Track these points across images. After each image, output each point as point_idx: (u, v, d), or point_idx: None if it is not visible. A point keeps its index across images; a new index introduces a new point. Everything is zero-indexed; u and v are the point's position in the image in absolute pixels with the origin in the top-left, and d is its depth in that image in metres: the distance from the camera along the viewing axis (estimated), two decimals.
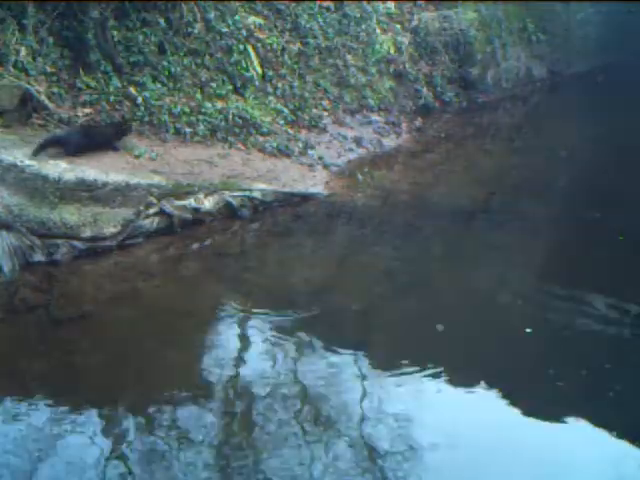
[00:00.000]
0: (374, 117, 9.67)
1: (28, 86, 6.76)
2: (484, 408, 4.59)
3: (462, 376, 4.82)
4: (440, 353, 5.05)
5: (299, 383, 4.69)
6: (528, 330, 5.33)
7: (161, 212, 6.43)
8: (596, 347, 5.23)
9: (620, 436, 4.26)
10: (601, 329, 5.41)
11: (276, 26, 9.26)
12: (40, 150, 6.31)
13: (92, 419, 4.23)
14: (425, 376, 4.81)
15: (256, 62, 8.72)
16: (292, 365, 4.87)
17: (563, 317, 5.58)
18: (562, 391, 4.62)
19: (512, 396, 4.63)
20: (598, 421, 4.38)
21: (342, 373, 4.81)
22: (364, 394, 4.61)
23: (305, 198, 7.37)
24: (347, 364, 4.89)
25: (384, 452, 4.15)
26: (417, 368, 4.88)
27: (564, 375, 4.76)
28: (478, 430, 4.38)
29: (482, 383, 4.75)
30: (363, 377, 4.78)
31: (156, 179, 6.51)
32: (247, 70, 8.57)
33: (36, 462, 3.90)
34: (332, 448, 4.13)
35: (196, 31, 8.24)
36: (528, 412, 4.51)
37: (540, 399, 4.59)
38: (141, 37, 7.73)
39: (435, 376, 4.82)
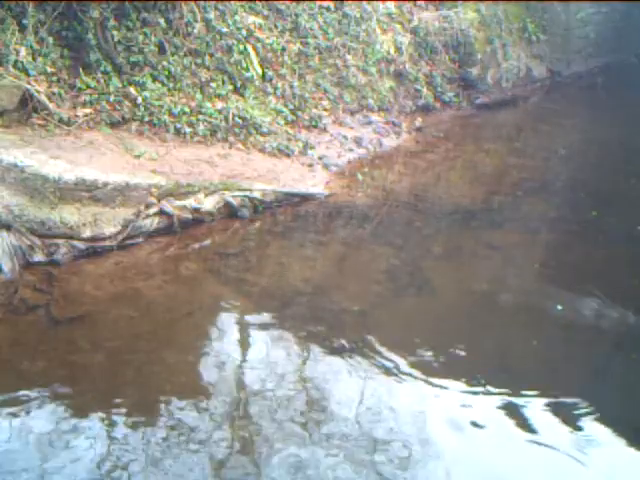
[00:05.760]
0: (374, 117, 9.67)
1: (28, 86, 6.75)
2: (485, 406, 4.59)
3: (460, 374, 4.83)
4: (440, 353, 5.05)
5: (299, 383, 4.69)
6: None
7: (161, 212, 6.43)
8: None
9: None
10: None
11: (276, 26, 9.25)
12: None
13: (92, 419, 4.23)
14: (425, 375, 4.82)
15: (256, 62, 8.71)
16: (292, 365, 4.87)
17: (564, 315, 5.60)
18: None
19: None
20: None
21: (342, 373, 4.81)
22: (365, 394, 4.61)
23: (305, 198, 7.37)
24: (347, 364, 4.89)
25: (384, 452, 4.15)
26: (417, 368, 4.89)
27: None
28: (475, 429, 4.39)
29: (483, 384, 4.76)
30: (364, 377, 4.78)
31: (156, 179, 6.50)
32: (247, 70, 8.56)
33: (36, 462, 3.90)
34: (333, 448, 4.14)
35: (196, 31, 8.23)
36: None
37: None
38: (141, 37, 7.72)
39: (435, 375, 4.82)
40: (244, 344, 5.12)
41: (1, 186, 5.73)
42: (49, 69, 7.12)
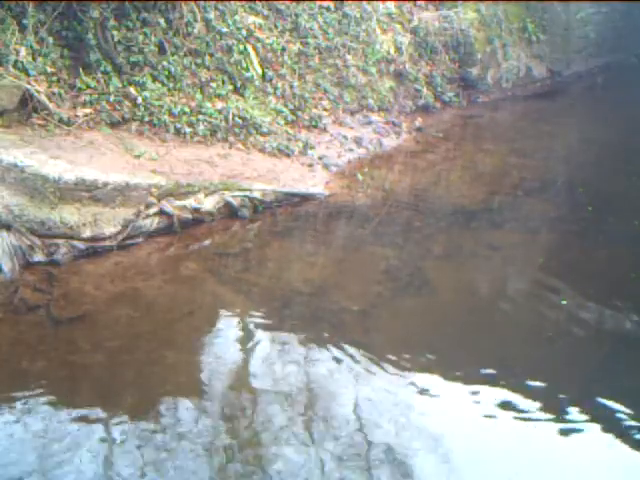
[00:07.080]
0: (374, 117, 9.67)
1: (28, 86, 6.76)
2: (484, 407, 4.59)
3: (460, 374, 4.83)
4: (440, 352, 5.05)
5: (299, 383, 4.69)
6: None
7: (161, 212, 6.43)
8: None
9: None
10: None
11: (276, 26, 9.26)
12: None
13: (92, 419, 4.23)
14: (425, 376, 4.82)
15: (256, 62, 8.72)
16: (292, 365, 4.87)
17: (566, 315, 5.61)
18: None
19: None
20: None
21: (343, 373, 4.81)
22: (365, 395, 4.61)
23: (305, 198, 7.37)
24: (347, 364, 4.89)
25: (383, 452, 4.15)
26: (417, 368, 4.89)
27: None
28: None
29: (482, 380, 4.76)
30: (364, 377, 4.78)
31: (156, 179, 6.51)
32: (247, 70, 8.57)
33: (36, 462, 3.90)
34: (333, 449, 4.14)
35: (196, 31, 8.23)
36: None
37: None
38: (141, 37, 7.72)
39: (435, 375, 4.82)
40: (244, 344, 5.12)
41: (1, 186, 5.74)
42: (49, 69, 7.13)
